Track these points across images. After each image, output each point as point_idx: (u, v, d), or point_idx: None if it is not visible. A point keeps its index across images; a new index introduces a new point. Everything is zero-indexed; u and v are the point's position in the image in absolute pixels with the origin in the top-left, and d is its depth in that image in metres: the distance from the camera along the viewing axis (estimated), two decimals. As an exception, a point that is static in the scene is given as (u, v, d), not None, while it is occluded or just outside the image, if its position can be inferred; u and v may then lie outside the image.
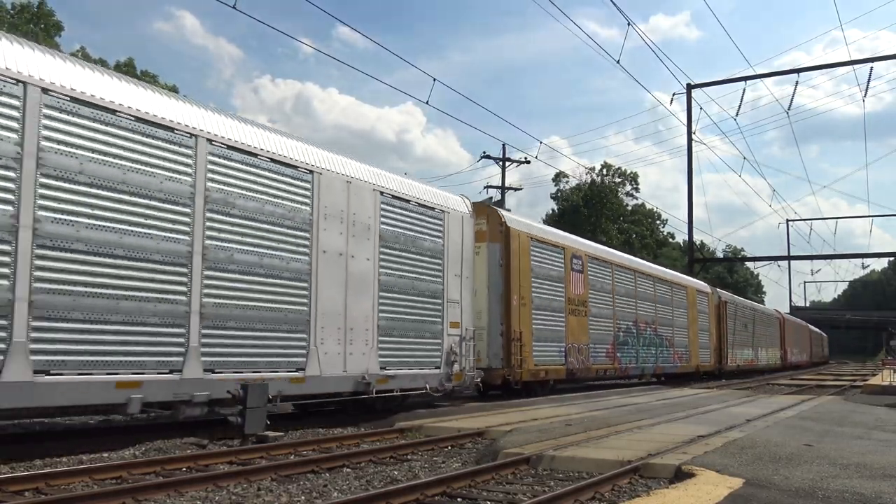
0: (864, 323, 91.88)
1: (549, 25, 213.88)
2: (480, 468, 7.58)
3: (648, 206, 74.35)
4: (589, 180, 68.42)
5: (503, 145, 41.06)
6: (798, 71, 38.24)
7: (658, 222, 75.31)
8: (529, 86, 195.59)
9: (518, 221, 17.67)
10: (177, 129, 9.47)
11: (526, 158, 39.63)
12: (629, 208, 72.69)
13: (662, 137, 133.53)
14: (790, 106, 47.06)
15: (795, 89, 44.54)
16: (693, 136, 41.55)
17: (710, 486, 6.52)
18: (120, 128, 8.80)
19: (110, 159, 8.66)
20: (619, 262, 23.35)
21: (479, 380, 14.72)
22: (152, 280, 8.97)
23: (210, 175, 9.82)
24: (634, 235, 71.60)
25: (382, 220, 12.72)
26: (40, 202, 7.96)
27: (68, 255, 8.15)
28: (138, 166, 8.96)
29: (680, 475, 7.19)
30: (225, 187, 10.02)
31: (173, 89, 39.43)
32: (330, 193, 11.68)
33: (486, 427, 10.68)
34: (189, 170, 9.56)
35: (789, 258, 64.56)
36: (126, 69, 38.98)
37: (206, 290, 9.57)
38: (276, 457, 8.61)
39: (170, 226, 9.24)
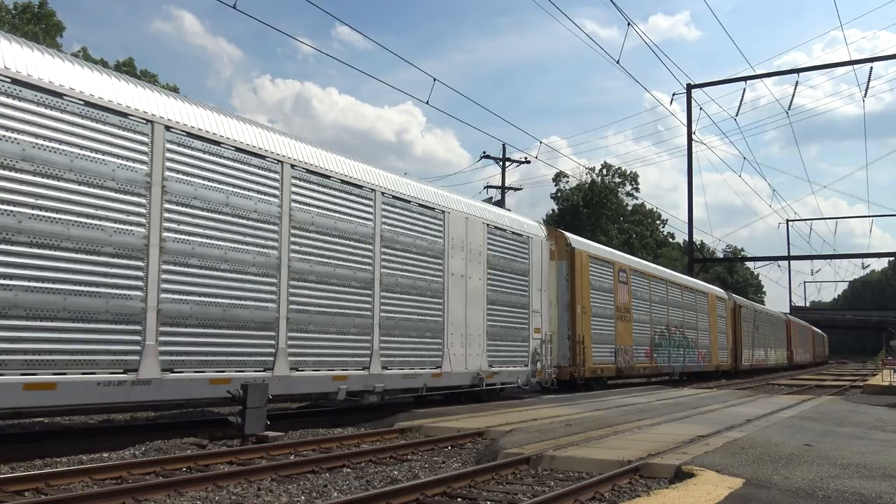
0: (864, 323, 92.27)
1: (548, 25, 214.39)
2: (480, 468, 7.57)
3: (648, 206, 74.91)
4: (589, 180, 68.96)
5: (503, 145, 41.34)
6: (798, 71, 38.51)
7: (658, 222, 75.84)
8: (529, 86, 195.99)
9: (579, 241, 21.09)
10: (364, 186, 12.67)
11: (526, 158, 39.64)
12: (629, 208, 73.12)
13: (662, 137, 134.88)
14: (790, 106, 46.34)
15: (795, 89, 43.07)
16: (693, 136, 41.73)
17: (710, 486, 6.50)
18: (333, 188, 12.10)
19: (331, 213, 12.01)
20: (654, 274, 26.90)
21: (554, 376, 18.01)
22: (353, 300, 12.26)
23: (383, 219, 13.07)
24: (634, 235, 72.06)
25: (489, 247, 16.02)
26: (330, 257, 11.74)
27: (307, 284, 11.43)
28: (344, 216, 12.25)
29: (680, 475, 7.18)
30: (391, 227, 13.26)
31: (174, 89, 39.37)
32: (455, 228, 14.96)
33: (485, 427, 10.77)
34: (370, 216, 12.79)
35: (789, 258, 64.37)
36: (126, 69, 39.33)
37: (382, 307, 12.82)
38: (276, 457, 8.66)
39: (360, 258, 12.49)
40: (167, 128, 9.48)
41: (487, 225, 16.01)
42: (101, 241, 8.65)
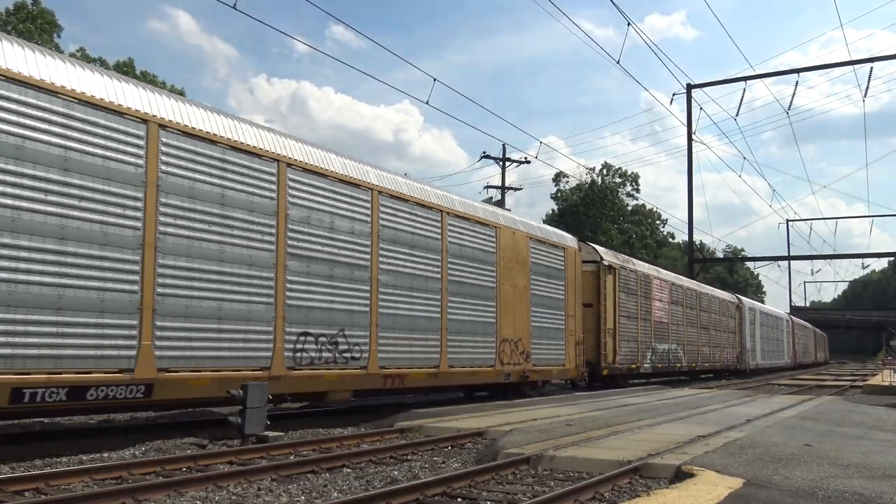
0: (864, 323, 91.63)
1: (547, 25, 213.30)
2: (480, 468, 7.59)
3: (648, 207, 74.97)
4: (589, 180, 69.01)
5: (503, 145, 40.70)
6: (798, 71, 38.50)
7: (658, 222, 75.93)
8: (528, 85, 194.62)
9: (798, 321, 36.58)
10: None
11: (526, 158, 39.18)
12: (629, 208, 73.21)
13: (660, 138, 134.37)
14: (790, 106, 47.00)
15: (795, 89, 44.07)
16: (693, 136, 41.70)
17: (710, 486, 6.52)
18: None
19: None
20: (801, 324, 45.74)
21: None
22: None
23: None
24: (634, 236, 72.15)
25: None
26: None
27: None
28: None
29: (680, 475, 7.21)
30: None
31: (181, 92, 39.64)
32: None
33: (486, 427, 10.79)
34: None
35: (789, 258, 64.65)
36: (125, 69, 39.41)
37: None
38: (276, 457, 8.67)
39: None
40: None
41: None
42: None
